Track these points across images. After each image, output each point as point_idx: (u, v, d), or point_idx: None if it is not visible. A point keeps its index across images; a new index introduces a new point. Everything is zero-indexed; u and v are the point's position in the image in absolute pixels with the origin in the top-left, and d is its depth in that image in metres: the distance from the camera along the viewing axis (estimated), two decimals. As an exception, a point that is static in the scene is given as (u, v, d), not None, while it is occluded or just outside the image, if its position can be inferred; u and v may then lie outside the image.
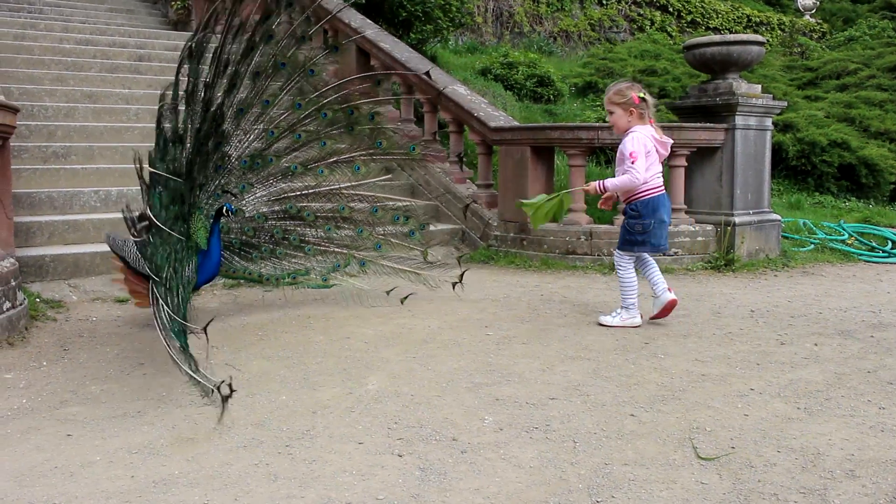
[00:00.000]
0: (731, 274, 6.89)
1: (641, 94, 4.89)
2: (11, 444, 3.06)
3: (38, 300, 5.31)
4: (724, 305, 5.60)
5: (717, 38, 7.44)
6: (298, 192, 5.30)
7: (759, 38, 7.37)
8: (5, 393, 3.67)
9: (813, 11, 21.62)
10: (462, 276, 5.86)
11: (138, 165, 4.19)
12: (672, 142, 5.08)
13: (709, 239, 7.24)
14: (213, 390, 3.32)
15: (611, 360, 4.22)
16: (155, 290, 3.84)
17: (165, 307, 3.71)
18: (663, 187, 5.03)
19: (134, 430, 3.20)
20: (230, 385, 3.25)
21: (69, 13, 12.24)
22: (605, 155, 9.70)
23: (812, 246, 8.10)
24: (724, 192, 7.35)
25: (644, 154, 4.83)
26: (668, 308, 5.01)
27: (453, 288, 5.83)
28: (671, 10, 18.04)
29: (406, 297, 5.69)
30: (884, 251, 8.09)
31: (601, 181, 4.95)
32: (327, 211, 5.39)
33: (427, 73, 8.14)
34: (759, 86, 7.68)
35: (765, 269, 7.11)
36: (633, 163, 4.81)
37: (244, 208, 5.13)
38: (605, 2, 17.07)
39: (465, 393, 3.65)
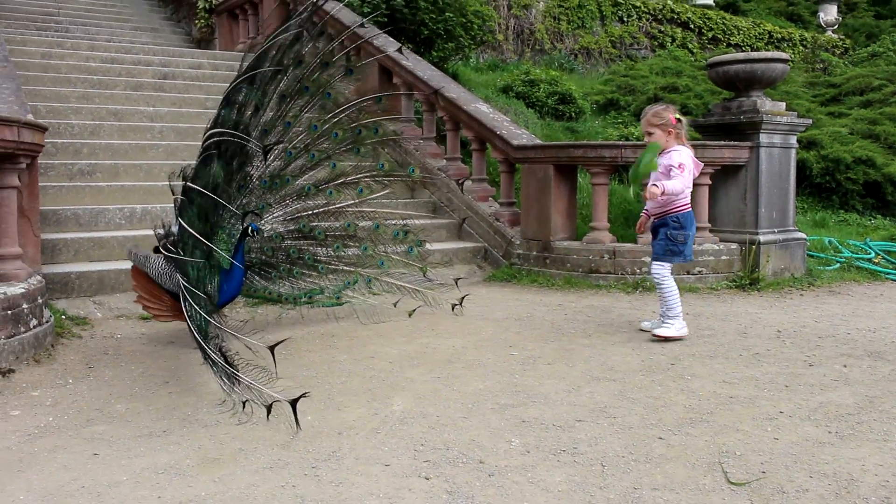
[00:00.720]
0: (757, 293, 6.83)
1: (678, 116, 5.14)
2: (39, 463, 3.07)
3: (63, 317, 5.34)
4: (749, 325, 5.55)
5: (740, 55, 7.41)
6: (311, 212, 5.36)
7: (783, 55, 7.33)
8: (32, 410, 3.69)
9: (835, 27, 21.52)
10: (462, 299, 6.00)
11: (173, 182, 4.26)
12: (703, 165, 5.33)
13: (733, 257, 7.18)
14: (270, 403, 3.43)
15: (637, 381, 4.18)
16: (191, 304, 3.90)
17: (207, 319, 3.79)
18: None
19: (160, 450, 3.19)
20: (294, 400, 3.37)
21: (95, 32, 12.40)
22: (627, 173, 9.65)
23: (838, 265, 8.02)
24: (748, 210, 7.30)
25: (689, 168, 5.11)
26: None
27: (452, 309, 5.92)
28: (692, 26, 18.00)
29: (412, 312, 5.80)
30: (911, 270, 8.00)
31: (662, 183, 5.02)
32: (336, 229, 5.50)
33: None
34: (784, 103, 7.63)
35: (790, 289, 7.05)
36: (681, 172, 5.03)
37: (263, 227, 5.16)
38: (625, 19, 17.07)
39: (491, 414, 3.63)
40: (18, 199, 4.92)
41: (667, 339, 5.05)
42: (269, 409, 3.45)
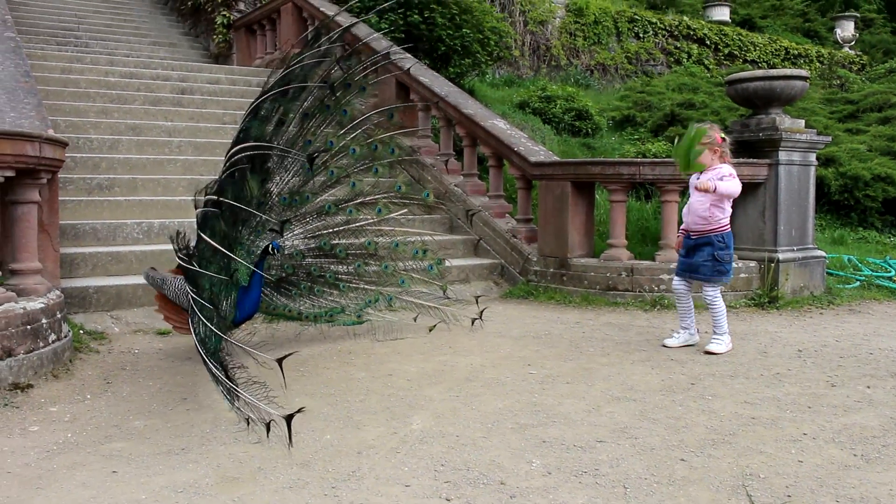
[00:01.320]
0: (776, 311, 6.77)
1: (723, 135, 5.28)
2: (58, 480, 3.06)
3: (81, 332, 5.34)
4: (769, 344, 5.49)
5: (759, 73, 7.38)
6: (331, 230, 5.37)
7: (802, 72, 7.30)
8: (51, 427, 3.69)
9: (852, 43, 21.45)
10: (482, 313, 6.07)
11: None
12: (742, 186, 5.38)
13: (752, 275, 7.13)
14: (267, 422, 3.41)
15: (657, 401, 4.14)
16: (199, 318, 3.88)
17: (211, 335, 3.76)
18: None
19: (179, 468, 3.18)
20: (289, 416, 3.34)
21: (114, 47, 12.48)
22: (644, 190, 9.62)
23: (858, 283, 7.95)
24: (767, 228, 7.25)
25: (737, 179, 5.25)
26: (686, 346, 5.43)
27: (472, 324, 5.98)
28: (708, 43, 17.98)
29: (433, 327, 5.84)
30: (932, 289, 7.91)
31: (715, 183, 5.12)
32: (356, 248, 5.50)
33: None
34: (803, 121, 7.59)
35: (810, 307, 6.98)
36: (732, 178, 5.16)
37: (283, 244, 5.15)
38: (641, 35, 17.06)
39: (511, 434, 3.60)
40: (38, 214, 4.95)
41: (715, 354, 5.20)
42: (267, 427, 3.41)
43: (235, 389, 3.51)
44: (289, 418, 3.32)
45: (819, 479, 3.10)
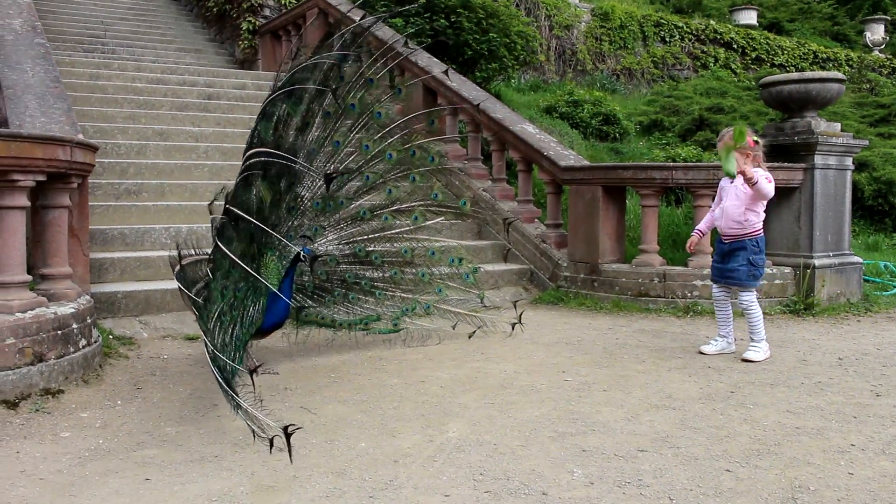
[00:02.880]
0: (812, 318, 6.63)
1: (755, 139, 5.12)
2: (91, 487, 3.01)
3: (110, 337, 5.31)
4: (808, 352, 5.37)
5: (794, 75, 7.25)
6: (366, 236, 5.28)
7: (838, 75, 7.17)
8: (82, 433, 3.64)
9: (882, 47, 21.20)
10: (521, 316, 5.99)
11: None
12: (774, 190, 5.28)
13: (787, 282, 6.99)
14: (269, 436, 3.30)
15: (697, 409, 4.04)
16: (200, 326, 3.81)
17: (210, 345, 3.65)
18: None
19: (212, 476, 3.12)
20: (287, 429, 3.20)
21: (140, 53, 12.52)
22: (674, 195, 9.51)
23: (895, 290, 7.78)
24: (802, 233, 7.12)
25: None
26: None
27: (512, 329, 5.89)
28: (735, 47, 17.81)
29: (473, 333, 5.76)
30: (971, 296, 7.74)
31: (757, 174, 5.00)
32: (392, 255, 5.40)
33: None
34: (839, 124, 7.45)
35: (846, 314, 6.84)
36: (769, 182, 5.06)
37: (316, 251, 5.07)
38: (668, 39, 16.93)
39: (550, 443, 3.51)
40: (69, 219, 4.92)
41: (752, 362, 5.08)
42: (271, 442, 3.30)
43: (237, 399, 3.36)
44: (286, 430, 3.15)
45: (872, 493, 2.99)
